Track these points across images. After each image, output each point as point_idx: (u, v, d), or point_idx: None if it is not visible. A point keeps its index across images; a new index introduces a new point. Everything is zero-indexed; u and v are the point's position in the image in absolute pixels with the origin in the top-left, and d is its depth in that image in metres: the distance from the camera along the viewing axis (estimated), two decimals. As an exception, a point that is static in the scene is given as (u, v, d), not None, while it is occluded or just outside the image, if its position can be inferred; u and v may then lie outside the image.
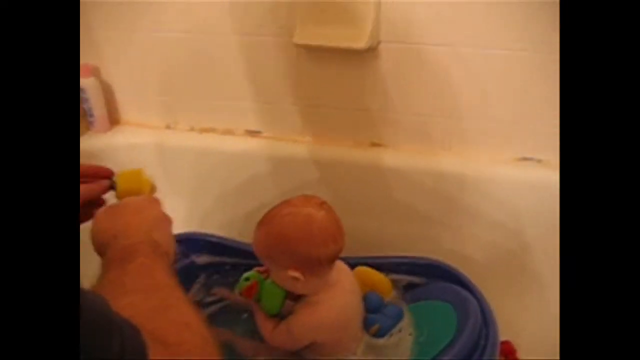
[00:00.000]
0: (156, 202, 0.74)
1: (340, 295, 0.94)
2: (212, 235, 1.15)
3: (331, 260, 0.91)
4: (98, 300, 0.37)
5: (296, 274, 0.88)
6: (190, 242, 1.12)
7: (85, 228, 0.67)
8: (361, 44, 1.14)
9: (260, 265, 0.96)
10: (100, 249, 0.63)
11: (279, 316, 0.96)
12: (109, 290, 0.50)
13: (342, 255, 1.01)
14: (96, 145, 1.39)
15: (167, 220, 0.72)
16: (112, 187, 0.80)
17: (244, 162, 1.35)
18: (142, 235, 0.63)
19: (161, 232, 0.67)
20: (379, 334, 0.99)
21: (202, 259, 1.16)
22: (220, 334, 1.00)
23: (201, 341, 0.47)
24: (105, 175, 0.79)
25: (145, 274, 0.55)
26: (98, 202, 0.78)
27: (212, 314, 1.09)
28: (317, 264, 0.88)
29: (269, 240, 0.89)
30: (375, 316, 1.00)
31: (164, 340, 0.42)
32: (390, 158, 1.27)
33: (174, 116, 1.42)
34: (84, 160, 1.34)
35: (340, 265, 0.97)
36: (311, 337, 0.93)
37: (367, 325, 0.99)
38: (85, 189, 0.74)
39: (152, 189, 0.85)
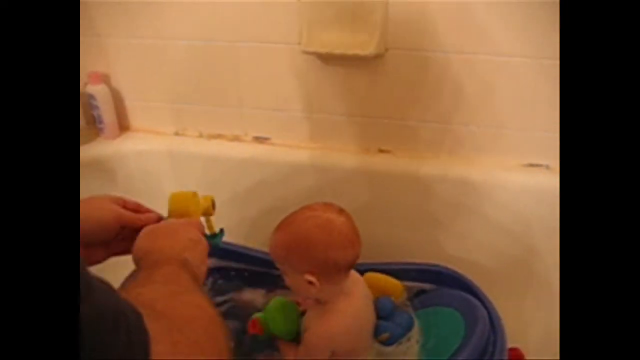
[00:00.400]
0: (195, 225, 0.76)
1: (354, 303, 0.95)
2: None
3: (348, 267, 0.91)
4: (105, 286, 0.37)
5: (312, 279, 0.88)
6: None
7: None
8: (369, 50, 1.14)
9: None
10: (137, 259, 0.65)
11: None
12: (131, 283, 0.51)
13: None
14: (105, 152, 1.40)
15: (201, 244, 0.72)
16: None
17: (252, 168, 1.36)
18: (174, 253, 0.64)
19: (193, 254, 0.67)
20: (389, 342, 0.99)
21: (210, 261, 1.16)
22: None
23: (209, 318, 0.47)
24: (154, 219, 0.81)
25: (171, 276, 0.56)
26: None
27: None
28: (334, 269, 0.89)
29: (288, 242, 0.89)
30: (387, 324, 1.00)
31: (172, 317, 0.42)
32: (398, 164, 1.27)
33: (183, 123, 1.43)
34: (93, 166, 1.35)
35: (353, 274, 0.97)
36: (329, 347, 0.93)
37: (377, 332, 0.99)
38: (134, 218, 0.77)
39: (212, 206, 0.91)
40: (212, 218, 0.94)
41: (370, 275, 1.07)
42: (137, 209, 0.81)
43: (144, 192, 0.94)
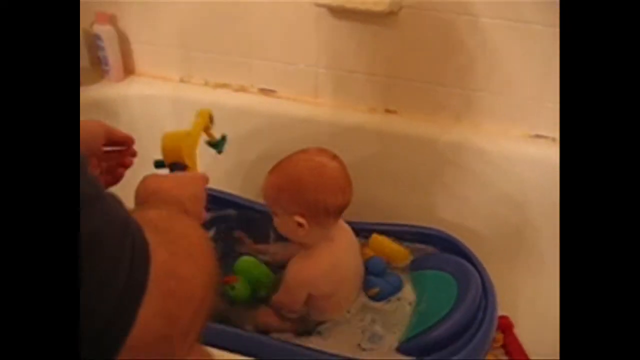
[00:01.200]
0: (200, 179, 0.76)
1: (336, 250, 0.96)
2: (216, 190, 1.16)
3: (338, 212, 0.93)
4: (114, 200, 0.39)
5: (301, 220, 0.90)
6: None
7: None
8: (382, 7, 1.12)
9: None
10: (140, 202, 0.66)
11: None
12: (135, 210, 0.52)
13: (349, 220, 1.02)
14: (109, 95, 1.39)
15: (202, 202, 0.74)
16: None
17: (256, 119, 1.35)
18: (178, 199, 0.66)
19: (194, 207, 0.69)
20: (378, 297, 1.00)
21: (208, 214, 1.17)
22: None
23: (202, 235, 0.50)
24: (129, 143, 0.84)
25: (173, 213, 0.58)
26: (125, 163, 0.83)
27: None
28: (323, 212, 0.91)
29: (279, 183, 0.92)
30: (377, 280, 1.01)
31: (170, 231, 0.45)
32: (404, 126, 1.26)
33: (189, 70, 1.42)
34: (96, 108, 1.34)
35: (341, 223, 1.00)
36: (305, 289, 0.96)
37: (366, 286, 1.01)
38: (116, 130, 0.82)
39: (210, 119, 0.95)
40: (212, 130, 0.98)
41: (377, 238, 1.08)
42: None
43: (146, 136, 0.93)
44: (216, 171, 0.88)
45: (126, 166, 0.83)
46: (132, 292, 0.36)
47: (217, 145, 0.98)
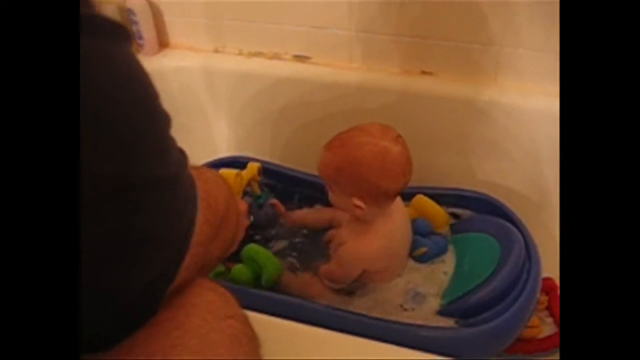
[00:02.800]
0: (243, 206, 0.86)
1: (392, 226, 0.95)
2: (257, 160, 1.17)
3: (396, 194, 0.92)
4: (182, 152, 0.49)
5: (360, 203, 0.89)
6: (236, 164, 1.13)
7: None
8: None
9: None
10: None
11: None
12: None
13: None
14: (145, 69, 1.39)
15: (243, 227, 0.82)
16: None
17: (291, 87, 1.34)
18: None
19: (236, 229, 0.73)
20: (424, 257, 1.00)
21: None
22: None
23: (217, 173, 0.68)
24: None
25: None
26: None
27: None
28: (382, 196, 0.89)
29: (339, 164, 0.88)
30: (424, 240, 1.01)
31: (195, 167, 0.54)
32: (440, 87, 1.23)
33: (222, 40, 1.41)
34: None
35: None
36: (362, 266, 0.95)
37: (414, 247, 1.01)
38: None
39: (258, 172, 1.08)
40: (257, 182, 1.09)
41: (421, 198, 1.08)
42: None
43: (182, 109, 0.95)
44: (256, 139, 0.90)
45: None
46: (192, 203, 0.48)
47: (259, 197, 1.10)
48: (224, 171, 0.99)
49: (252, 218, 1.01)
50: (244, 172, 1.04)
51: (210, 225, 0.52)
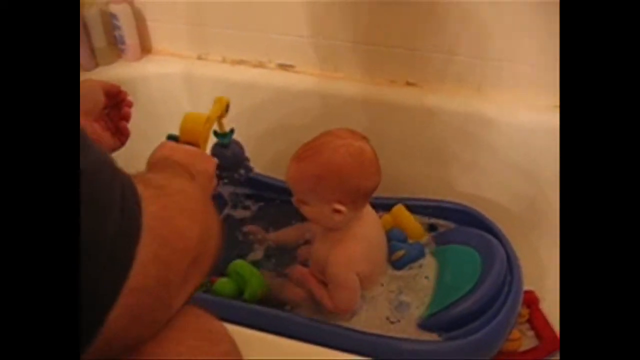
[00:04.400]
0: (212, 161, 0.80)
1: (367, 227, 0.95)
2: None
3: (372, 193, 0.92)
4: (101, 149, 0.40)
5: (341, 207, 0.88)
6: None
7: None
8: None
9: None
10: (150, 166, 0.68)
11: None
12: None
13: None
14: (127, 74, 1.38)
15: (212, 181, 0.77)
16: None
17: (275, 96, 1.34)
18: (184, 167, 0.67)
19: (205, 182, 0.72)
20: (401, 262, 1.00)
21: (226, 190, 1.20)
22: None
23: (199, 192, 0.52)
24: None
25: (169, 175, 0.60)
26: (125, 116, 0.87)
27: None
28: (362, 197, 0.90)
29: (318, 172, 0.88)
30: (400, 244, 1.01)
31: (165, 187, 0.46)
32: (425, 98, 1.24)
33: (206, 47, 1.40)
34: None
35: None
36: (354, 272, 0.92)
37: (391, 251, 1.01)
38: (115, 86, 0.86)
39: (226, 108, 0.96)
40: (224, 120, 0.98)
41: (400, 209, 1.07)
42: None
43: (165, 115, 0.94)
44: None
45: (127, 119, 0.86)
46: (125, 236, 0.37)
47: (224, 136, 1.00)
48: (191, 113, 0.88)
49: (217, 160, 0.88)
50: (212, 111, 0.93)
51: (165, 265, 0.41)
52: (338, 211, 0.89)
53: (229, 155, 1.02)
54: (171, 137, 0.85)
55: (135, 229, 0.38)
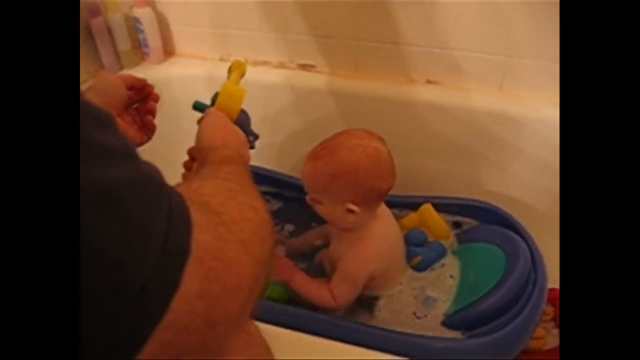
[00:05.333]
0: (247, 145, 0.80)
1: (383, 225, 0.96)
2: (254, 167, 1.17)
3: (386, 194, 0.92)
4: (150, 165, 0.36)
5: (354, 207, 0.89)
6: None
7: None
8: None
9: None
10: (206, 151, 0.67)
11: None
12: (197, 176, 0.52)
13: (393, 193, 1.01)
14: (150, 77, 1.36)
15: (247, 145, 0.79)
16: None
17: (297, 96, 1.35)
18: (239, 150, 0.69)
19: (246, 152, 0.74)
20: (421, 266, 1.00)
21: None
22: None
23: (261, 220, 0.46)
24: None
25: (236, 175, 0.57)
26: (151, 110, 0.85)
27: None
28: (376, 197, 0.91)
29: (334, 171, 0.88)
30: (418, 249, 1.01)
31: (224, 214, 0.41)
32: (445, 96, 1.24)
33: (228, 49, 1.42)
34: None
35: None
36: (367, 271, 0.93)
37: (409, 257, 1.01)
38: (138, 78, 0.84)
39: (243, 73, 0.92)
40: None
41: (428, 209, 1.07)
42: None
43: (188, 117, 0.94)
44: (260, 148, 0.88)
45: (152, 113, 0.86)
46: (172, 253, 0.33)
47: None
48: (230, 87, 0.85)
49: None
50: (234, 75, 0.91)
51: (213, 302, 0.35)
52: (351, 211, 0.89)
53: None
54: (199, 105, 0.85)
55: (182, 246, 0.34)
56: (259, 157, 1.33)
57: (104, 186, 0.30)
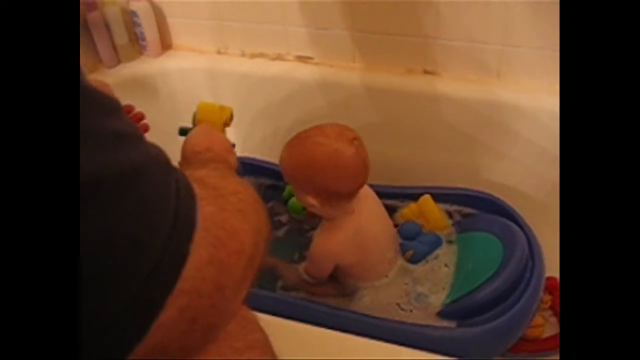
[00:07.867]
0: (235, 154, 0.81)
1: (358, 221, 0.96)
2: (252, 158, 1.20)
3: (350, 195, 0.93)
4: (156, 145, 0.39)
5: (313, 201, 0.91)
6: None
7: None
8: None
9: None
10: (189, 156, 0.70)
11: None
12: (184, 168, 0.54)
13: (393, 184, 1.02)
14: (148, 70, 1.40)
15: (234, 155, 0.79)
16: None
17: (294, 87, 1.34)
18: (223, 158, 0.70)
19: (233, 159, 0.74)
20: (414, 259, 1.00)
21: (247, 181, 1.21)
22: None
23: (252, 194, 0.49)
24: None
25: (223, 170, 0.60)
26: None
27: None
28: (334, 196, 0.91)
29: (293, 163, 0.91)
30: (410, 243, 1.02)
31: (220, 188, 0.45)
32: (443, 86, 1.23)
33: (225, 41, 1.42)
34: (135, 84, 1.36)
35: (365, 191, 0.98)
36: (332, 261, 0.97)
37: (402, 251, 1.02)
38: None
39: (230, 117, 0.92)
40: (227, 129, 0.94)
41: (427, 200, 1.07)
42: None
43: (185, 109, 0.94)
44: (258, 140, 0.90)
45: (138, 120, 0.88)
46: (182, 226, 0.35)
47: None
48: (205, 103, 0.89)
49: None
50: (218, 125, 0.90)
51: (221, 267, 0.39)
52: (311, 204, 0.92)
53: None
54: (184, 131, 0.84)
55: (191, 218, 0.37)
56: (256, 150, 1.34)
57: (119, 169, 0.32)
